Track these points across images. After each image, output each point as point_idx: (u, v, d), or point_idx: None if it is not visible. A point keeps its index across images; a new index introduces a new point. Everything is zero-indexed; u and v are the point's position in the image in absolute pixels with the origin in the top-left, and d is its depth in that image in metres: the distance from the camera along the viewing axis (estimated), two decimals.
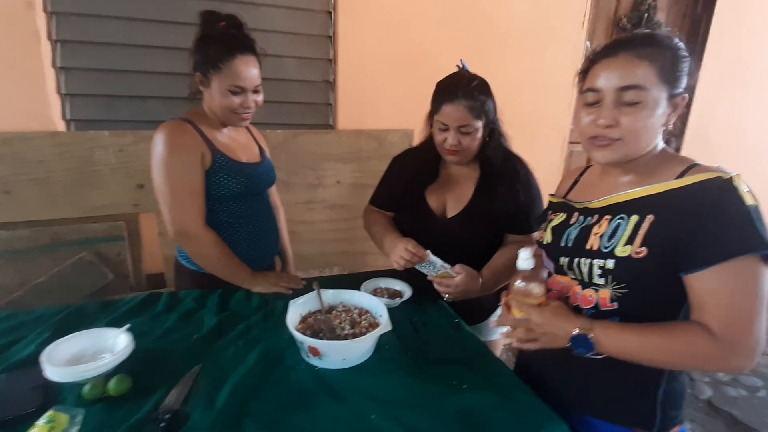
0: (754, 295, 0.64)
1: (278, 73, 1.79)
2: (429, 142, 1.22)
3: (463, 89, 1.06)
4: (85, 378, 0.79)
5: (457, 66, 1.18)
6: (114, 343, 0.90)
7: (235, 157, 1.20)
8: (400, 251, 1.09)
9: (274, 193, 1.50)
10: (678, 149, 2.82)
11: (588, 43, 2.31)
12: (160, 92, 1.65)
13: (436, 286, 1.10)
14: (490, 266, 1.15)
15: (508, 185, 1.14)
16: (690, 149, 2.73)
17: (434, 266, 1.11)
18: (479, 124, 1.09)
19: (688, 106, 0.75)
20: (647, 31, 0.73)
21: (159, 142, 1.09)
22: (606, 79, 0.70)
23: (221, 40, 1.10)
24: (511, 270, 1.13)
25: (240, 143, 1.27)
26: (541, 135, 2.32)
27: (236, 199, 1.20)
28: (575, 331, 0.71)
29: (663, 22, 2.44)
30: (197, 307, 1.14)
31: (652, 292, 0.72)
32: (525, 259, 0.78)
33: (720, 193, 0.65)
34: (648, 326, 0.70)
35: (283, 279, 1.23)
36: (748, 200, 0.64)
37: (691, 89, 0.73)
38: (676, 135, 0.80)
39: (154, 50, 1.60)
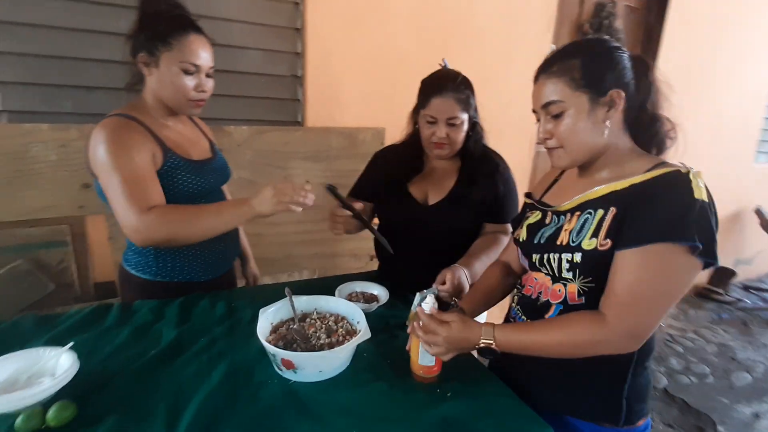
0: (663, 287, 0.68)
1: (243, 65, 1.68)
2: (412, 139, 1.25)
3: (451, 83, 1.11)
4: (18, 408, 0.68)
5: (440, 64, 1.22)
6: (54, 365, 0.79)
7: (185, 154, 1.10)
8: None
9: (227, 191, 1.39)
10: None
11: (554, 46, 2.37)
12: (107, 82, 1.49)
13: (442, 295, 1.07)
14: (468, 255, 1.16)
15: (487, 175, 1.20)
16: None
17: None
18: (465, 116, 1.14)
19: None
20: (557, 49, 0.79)
21: (100, 142, 0.97)
22: (535, 101, 0.80)
23: (171, 17, 1.02)
24: (489, 258, 1.17)
25: (188, 138, 1.16)
26: (508, 135, 2.34)
27: (191, 200, 1.10)
28: (481, 344, 0.77)
29: (621, 29, 2.55)
30: (154, 319, 1.03)
31: None
32: (427, 303, 0.84)
33: (670, 182, 0.69)
34: (544, 323, 0.77)
35: (285, 193, 0.95)
36: (698, 194, 0.66)
37: (630, 83, 0.76)
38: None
39: (102, 36, 1.45)
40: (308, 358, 0.81)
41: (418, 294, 1.00)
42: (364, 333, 0.85)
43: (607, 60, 0.75)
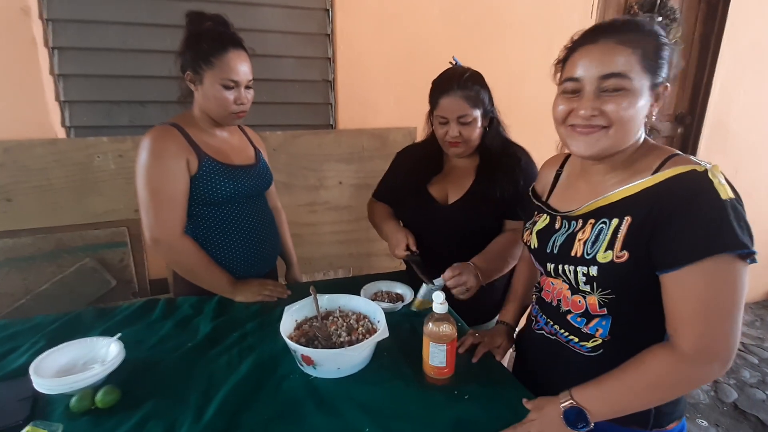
0: (730, 299, 0.61)
1: (277, 73, 1.76)
2: (432, 138, 1.25)
3: (456, 81, 1.09)
4: (73, 390, 0.77)
5: (450, 62, 1.20)
6: (105, 353, 0.88)
7: (225, 160, 1.17)
8: (401, 244, 1.13)
9: (274, 196, 1.47)
10: (696, 139, 2.70)
11: None
12: (159, 96, 1.64)
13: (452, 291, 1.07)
14: (484, 253, 1.14)
15: (507, 170, 1.15)
16: (709, 139, 2.61)
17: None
18: (477, 113, 1.11)
19: (706, 93, 0.72)
20: (626, 17, 0.69)
21: (143, 148, 1.08)
22: (586, 67, 0.66)
23: (211, 36, 1.09)
24: (505, 257, 1.15)
25: (233, 145, 1.24)
26: (548, 127, 2.24)
27: (228, 203, 1.18)
28: (562, 406, 0.70)
29: (677, 8, 2.33)
30: (194, 314, 1.11)
31: (639, 294, 0.70)
32: (439, 302, 0.82)
33: (694, 187, 0.62)
34: (618, 373, 0.68)
35: (266, 287, 1.19)
36: (724, 194, 0.61)
37: (673, 79, 0.69)
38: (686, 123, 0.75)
39: (152, 54, 1.59)
40: (326, 355, 0.83)
41: (424, 285, 1.01)
42: (382, 332, 0.86)
43: (668, 48, 0.67)
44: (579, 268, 0.72)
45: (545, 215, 0.84)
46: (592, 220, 0.73)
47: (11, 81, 1.42)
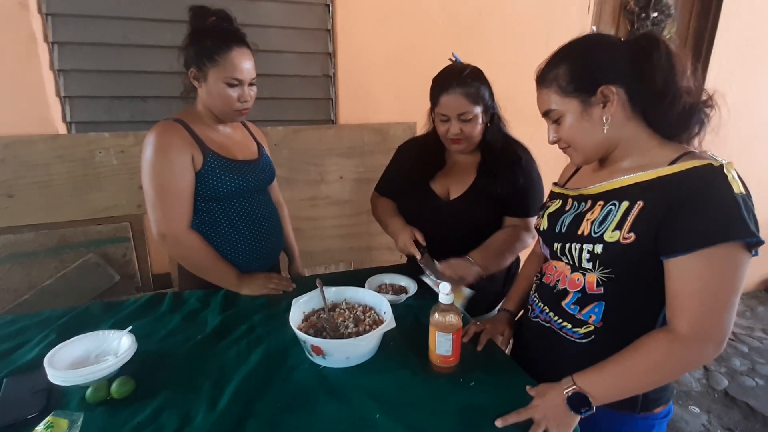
0: (730, 286, 0.65)
1: (278, 68, 1.77)
2: (434, 133, 1.26)
3: (456, 78, 1.10)
4: (88, 381, 0.78)
5: (450, 59, 1.20)
6: (117, 346, 0.90)
7: (229, 155, 1.18)
8: (407, 240, 1.16)
9: (276, 190, 1.48)
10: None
11: (594, 28, 2.24)
12: (160, 92, 1.64)
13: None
14: (482, 248, 1.16)
15: (507, 167, 1.17)
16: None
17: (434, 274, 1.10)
18: (478, 110, 1.12)
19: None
20: (547, 58, 0.80)
21: (148, 144, 1.08)
22: (539, 108, 0.83)
23: (215, 33, 1.09)
24: (504, 252, 1.17)
25: (236, 141, 1.25)
26: (545, 122, 2.27)
27: (233, 198, 1.19)
28: (567, 393, 0.73)
29: (672, 4, 2.36)
30: (201, 307, 1.13)
31: (637, 278, 0.74)
32: (445, 293, 0.84)
33: (708, 179, 0.66)
34: (618, 357, 0.72)
35: (272, 281, 1.21)
36: (737, 188, 0.65)
37: (626, 74, 0.74)
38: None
39: (153, 49, 1.59)
40: (336, 345, 0.85)
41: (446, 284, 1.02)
42: (389, 322, 0.88)
43: (591, 59, 0.75)
44: (584, 246, 0.76)
45: (558, 200, 0.89)
46: (601, 202, 0.77)
47: (11, 76, 1.41)
